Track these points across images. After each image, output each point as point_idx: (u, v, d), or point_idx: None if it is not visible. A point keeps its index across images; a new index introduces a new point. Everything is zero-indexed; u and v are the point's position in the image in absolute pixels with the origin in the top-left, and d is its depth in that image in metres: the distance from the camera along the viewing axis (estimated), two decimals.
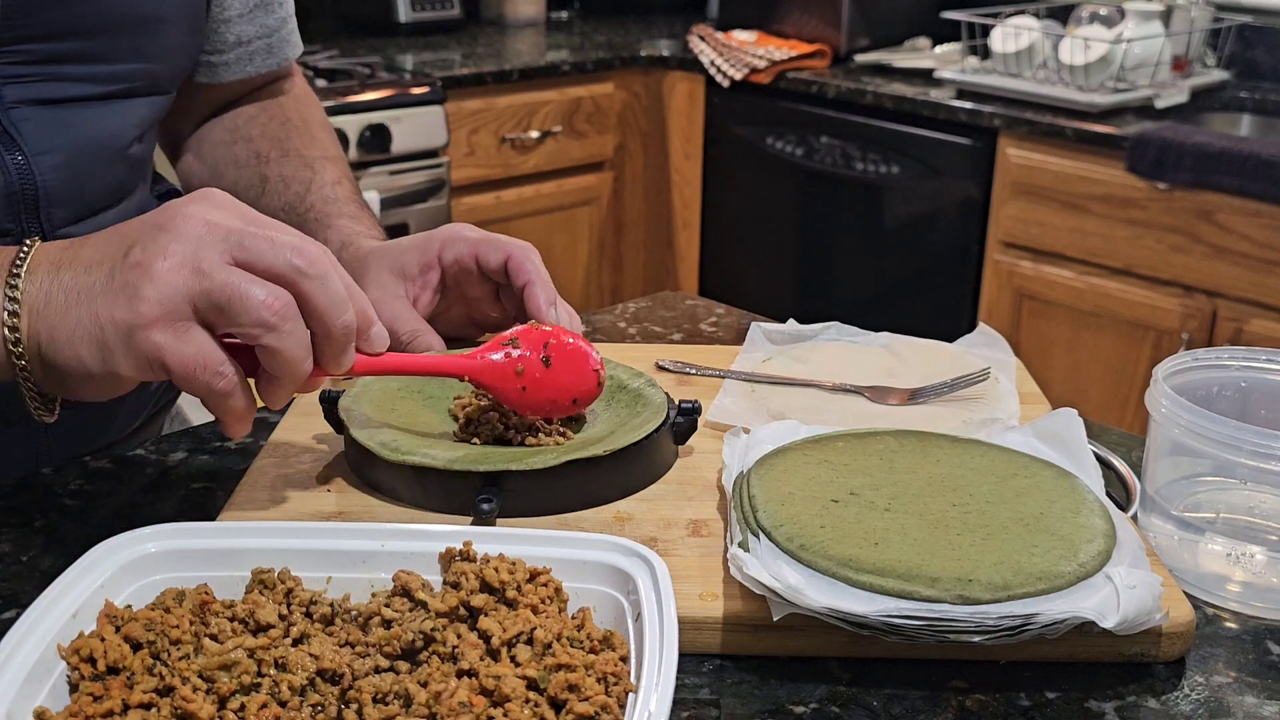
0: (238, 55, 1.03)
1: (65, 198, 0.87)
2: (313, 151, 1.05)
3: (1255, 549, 0.74)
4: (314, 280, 0.66)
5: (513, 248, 0.89)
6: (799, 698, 0.63)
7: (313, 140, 1.07)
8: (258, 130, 1.06)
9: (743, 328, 1.07)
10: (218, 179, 1.06)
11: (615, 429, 0.80)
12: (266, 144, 1.05)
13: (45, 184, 0.85)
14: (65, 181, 0.87)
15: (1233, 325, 2.23)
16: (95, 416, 0.95)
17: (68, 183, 0.87)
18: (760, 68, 2.79)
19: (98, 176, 0.90)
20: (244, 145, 1.06)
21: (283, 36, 1.06)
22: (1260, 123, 2.61)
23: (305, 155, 1.05)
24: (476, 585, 0.61)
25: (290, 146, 1.05)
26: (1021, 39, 2.50)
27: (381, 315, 0.90)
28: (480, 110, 2.71)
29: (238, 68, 1.04)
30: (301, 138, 1.06)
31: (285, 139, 1.05)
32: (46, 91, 0.85)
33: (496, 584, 0.61)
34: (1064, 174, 2.37)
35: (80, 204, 0.89)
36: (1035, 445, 0.80)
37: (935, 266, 2.65)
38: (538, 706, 0.55)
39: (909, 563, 0.65)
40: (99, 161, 0.89)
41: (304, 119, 1.08)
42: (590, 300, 3.10)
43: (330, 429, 0.82)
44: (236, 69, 1.04)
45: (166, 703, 0.55)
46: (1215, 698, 0.64)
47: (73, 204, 0.88)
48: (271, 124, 1.06)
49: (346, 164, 1.09)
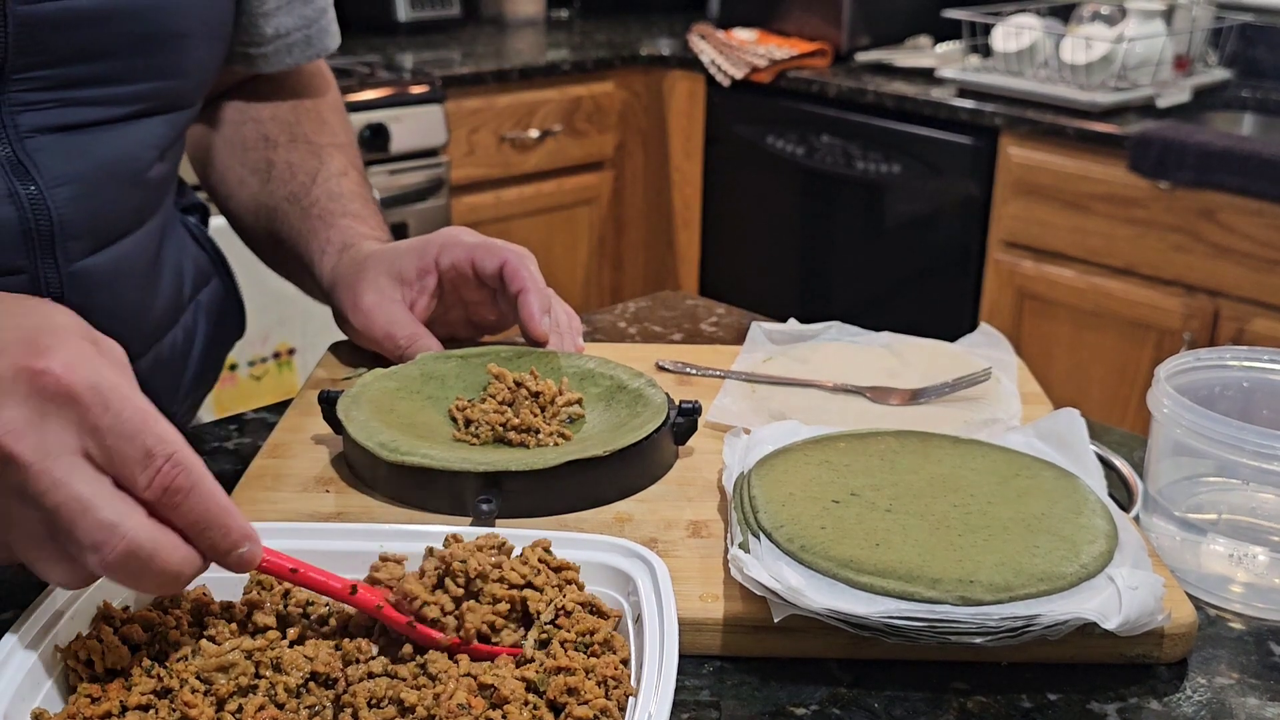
0: (276, 48, 1.01)
1: (82, 229, 0.83)
2: (322, 138, 1.04)
3: (1258, 550, 0.74)
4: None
5: (508, 254, 0.88)
6: (800, 699, 0.63)
7: (322, 125, 1.05)
8: (268, 112, 1.04)
9: (743, 328, 1.07)
10: (224, 155, 1.03)
11: (615, 429, 0.80)
12: (275, 127, 1.03)
13: (61, 216, 0.82)
14: (82, 213, 0.83)
15: (1235, 325, 2.23)
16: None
17: (85, 214, 0.83)
18: (761, 67, 2.78)
19: (116, 203, 0.86)
20: (253, 126, 1.04)
21: (322, 27, 1.03)
22: (1262, 122, 2.61)
23: (314, 142, 1.03)
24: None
25: (299, 131, 1.03)
26: (1023, 38, 2.49)
27: (379, 319, 0.90)
28: (480, 109, 2.71)
29: (276, 59, 1.01)
30: (311, 122, 1.04)
31: (295, 123, 1.04)
32: (62, 117, 0.81)
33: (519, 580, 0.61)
34: (1065, 173, 2.36)
35: (98, 235, 0.85)
36: (1037, 446, 0.80)
37: (936, 266, 2.65)
38: (536, 709, 0.54)
39: (910, 564, 0.65)
40: (117, 187, 0.86)
41: (315, 100, 1.06)
42: (590, 300, 3.10)
43: (330, 429, 0.81)
44: (275, 60, 1.01)
45: (165, 704, 0.55)
46: (1218, 699, 0.64)
47: (90, 236, 0.84)
48: (283, 105, 1.04)
49: (356, 151, 1.07)
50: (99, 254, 0.86)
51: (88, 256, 0.85)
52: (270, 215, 1.00)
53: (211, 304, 1.06)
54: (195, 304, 1.03)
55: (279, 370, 2.35)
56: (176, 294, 0.99)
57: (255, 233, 1.04)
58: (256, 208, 1.02)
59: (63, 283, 0.83)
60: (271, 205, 1.00)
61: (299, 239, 0.98)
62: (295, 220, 0.98)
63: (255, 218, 1.02)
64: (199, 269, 1.04)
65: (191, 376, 1.03)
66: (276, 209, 1.00)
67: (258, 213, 1.02)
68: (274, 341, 2.32)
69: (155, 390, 0.96)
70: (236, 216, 1.05)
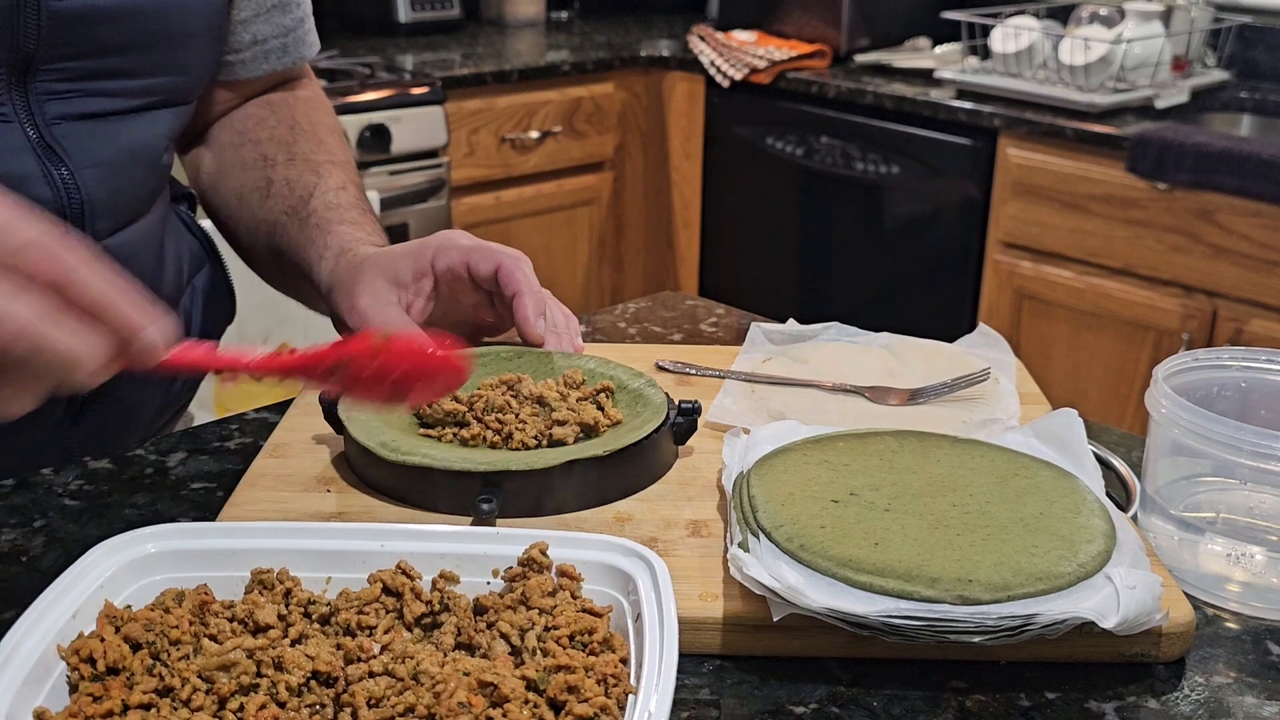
0: (253, 54, 1.05)
1: (108, 210, 0.90)
2: (319, 156, 1.06)
3: (1255, 549, 0.74)
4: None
5: (503, 257, 0.89)
6: (799, 698, 0.63)
7: (319, 145, 1.07)
8: (265, 133, 1.07)
9: (743, 328, 1.07)
10: (224, 178, 1.06)
11: (615, 429, 0.80)
12: (273, 148, 1.06)
13: (91, 197, 0.88)
14: (108, 194, 0.89)
15: (1233, 325, 2.23)
16: (119, 415, 0.97)
17: (110, 195, 0.89)
18: (760, 68, 2.79)
19: (135, 186, 0.93)
20: (251, 148, 1.06)
21: (299, 36, 1.07)
22: (1260, 123, 2.61)
23: (311, 160, 1.05)
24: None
25: (297, 151, 1.05)
26: (1021, 39, 2.50)
27: (376, 321, 0.90)
28: (480, 110, 2.71)
29: (253, 66, 1.05)
30: (309, 142, 1.07)
31: (292, 143, 1.06)
32: (86, 106, 0.87)
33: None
34: (1064, 174, 2.37)
35: (120, 215, 0.91)
36: (1035, 445, 0.80)
37: (935, 266, 2.65)
38: (537, 707, 0.55)
39: (909, 563, 0.65)
40: (136, 172, 0.92)
41: (312, 123, 1.09)
42: (590, 300, 3.10)
43: (330, 429, 0.82)
44: (252, 67, 1.05)
45: (166, 703, 0.55)
46: (1215, 698, 0.64)
47: (114, 215, 0.91)
48: (280, 127, 1.07)
49: (354, 168, 1.09)
50: (119, 234, 0.91)
51: (110, 235, 0.90)
52: (270, 230, 1.02)
53: (205, 289, 1.09)
54: (191, 288, 1.07)
55: None
56: (177, 277, 1.03)
57: (256, 250, 1.06)
58: (256, 224, 1.03)
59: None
60: (271, 220, 1.01)
61: (297, 248, 0.99)
62: (294, 231, 1.00)
63: (255, 235, 1.04)
64: (193, 254, 1.08)
65: None
66: (276, 223, 1.01)
67: (257, 229, 1.03)
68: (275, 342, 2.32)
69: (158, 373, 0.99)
70: (238, 237, 1.07)
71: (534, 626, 0.59)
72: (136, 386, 0.98)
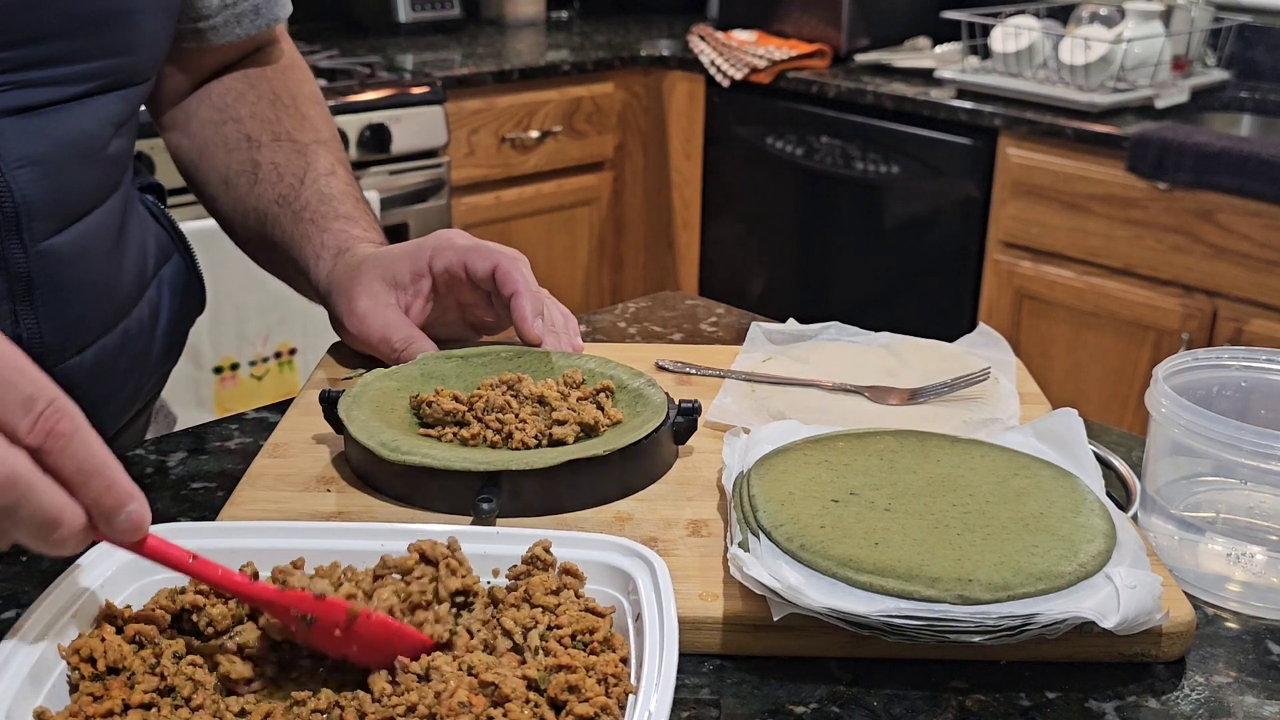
0: (224, 19, 1.00)
1: (47, 210, 0.84)
2: (304, 135, 1.03)
3: (1255, 549, 0.74)
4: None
5: (500, 257, 0.89)
6: (799, 698, 0.63)
7: (303, 120, 1.04)
8: (247, 110, 1.04)
9: (743, 328, 1.07)
10: (207, 158, 1.03)
11: (615, 428, 0.80)
12: (257, 126, 1.03)
13: (25, 197, 0.82)
14: (45, 192, 0.84)
15: (1233, 325, 2.23)
16: (85, 410, 0.95)
17: (48, 193, 0.84)
18: (760, 67, 2.79)
19: (78, 181, 0.87)
20: (233, 126, 1.03)
21: None
22: (1260, 122, 2.61)
23: (298, 140, 1.03)
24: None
25: (281, 129, 1.03)
26: (1021, 39, 2.50)
27: (375, 324, 0.90)
28: (480, 110, 2.71)
29: (226, 31, 1.00)
30: (292, 118, 1.04)
31: (276, 120, 1.03)
32: (19, 99, 0.81)
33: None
34: (1064, 174, 2.37)
35: (62, 214, 0.86)
36: (1035, 445, 0.80)
37: (935, 266, 2.65)
38: (538, 707, 0.55)
39: (909, 563, 0.65)
40: (78, 165, 0.86)
41: (293, 95, 1.06)
42: (590, 300, 3.10)
43: (330, 429, 0.82)
44: (225, 32, 1.00)
45: (167, 703, 0.55)
46: (1215, 698, 0.64)
47: (55, 216, 0.85)
48: (260, 103, 1.04)
49: (339, 145, 1.07)
50: (64, 233, 0.86)
51: (53, 236, 0.85)
52: (260, 219, 1.00)
53: (174, 280, 1.06)
54: (158, 279, 1.04)
55: (280, 370, 2.35)
56: (141, 270, 0.99)
57: (246, 235, 1.04)
58: (245, 211, 1.02)
59: (29, 263, 0.84)
60: (261, 209, 1.00)
61: (292, 244, 0.98)
62: (287, 224, 0.98)
63: (245, 220, 1.02)
64: (160, 245, 1.05)
65: (158, 351, 1.03)
66: (266, 212, 1.00)
67: (247, 215, 1.02)
68: (275, 341, 2.32)
69: (125, 365, 0.97)
70: (225, 218, 1.05)
71: (537, 625, 0.59)
72: (97, 385, 0.93)
